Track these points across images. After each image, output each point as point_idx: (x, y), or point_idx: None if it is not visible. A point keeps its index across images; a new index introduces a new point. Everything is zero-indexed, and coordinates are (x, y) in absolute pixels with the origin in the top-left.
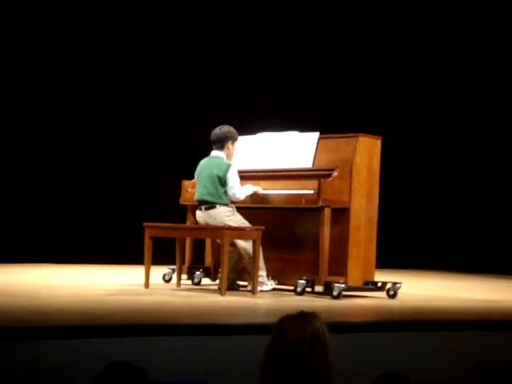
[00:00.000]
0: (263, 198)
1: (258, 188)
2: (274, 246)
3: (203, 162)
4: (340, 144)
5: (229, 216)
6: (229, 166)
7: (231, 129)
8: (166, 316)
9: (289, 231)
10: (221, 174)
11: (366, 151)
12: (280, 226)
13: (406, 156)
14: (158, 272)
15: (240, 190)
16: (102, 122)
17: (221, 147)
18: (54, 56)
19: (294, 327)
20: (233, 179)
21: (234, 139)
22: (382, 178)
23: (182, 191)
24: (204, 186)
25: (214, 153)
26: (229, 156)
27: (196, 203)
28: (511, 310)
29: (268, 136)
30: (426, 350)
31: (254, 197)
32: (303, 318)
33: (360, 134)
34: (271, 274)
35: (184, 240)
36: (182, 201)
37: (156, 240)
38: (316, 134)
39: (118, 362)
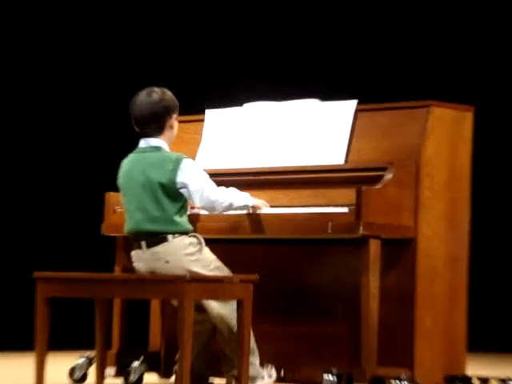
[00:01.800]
0: (256, 224)
1: (262, 202)
2: (274, 311)
3: (128, 164)
4: (397, 121)
5: (192, 255)
6: (179, 160)
7: (168, 93)
8: None
9: (302, 283)
10: (165, 178)
11: (447, 133)
12: (286, 273)
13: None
14: (61, 363)
15: (219, 189)
16: None
17: (157, 130)
18: None
19: None
20: (194, 178)
21: (177, 109)
22: (476, 183)
23: (106, 211)
24: (139, 206)
25: (146, 142)
26: (172, 140)
27: (130, 237)
28: None
29: (263, 108)
30: None
31: (239, 219)
32: None
33: (435, 102)
34: (270, 361)
35: (109, 304)
36: (105, 229)
37: (57, 304)
38: (352, 104)
39: None
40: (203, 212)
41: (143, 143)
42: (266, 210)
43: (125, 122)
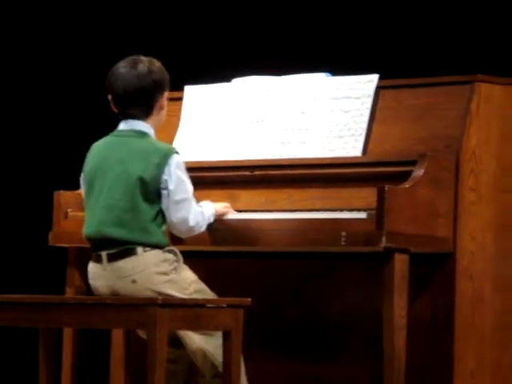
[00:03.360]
0: (247, 232)
1: (226, 206)
2: (272, 346)
3: (102, 149)
4: (431, 101)
5: (166, 274)
6: (169, 154)
7: (157, 64)
8: None
9: (307, 310)
10: (148, 174)
11: (497, 117)
12: (287, 297)
13: None
14: None
15: (199, 214)
16: None
17: (144, 111)
18: None
19: None
20: (179, 185)
21: (168, 86)
22: None
23: (55, 215)
24: (106, 203)
25: (128, 125)
26: (159, 124)
27: (88, 245)
28: None
29: (258, 85)
30: None
31: (226, 228)
32: None
33: (481, 76)
34: None
35: (57, 336)
36: (53, 239)
37: None
38: (372, 79)
39: None
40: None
41: (124, 125)
42: (245, 215)
43: (84, 97)
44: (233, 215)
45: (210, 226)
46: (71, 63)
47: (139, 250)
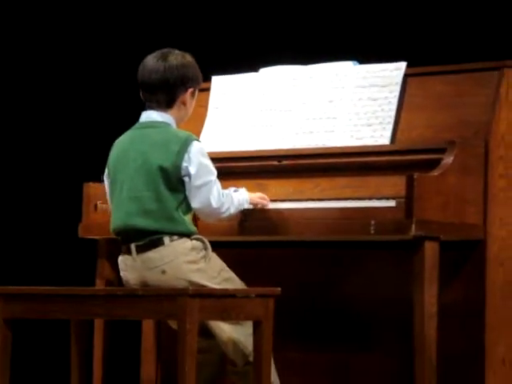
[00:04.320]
0: (275, 222)
1: (262, 197)
2: (301, 336)
3: (123, 143)
4: (459, 88)
5: (195, 263)
6: (188, 141)
7: (190, 60)
8: None
9: (337, 298)
10: (169, 162)
11: None
12: (316, 286)
13: None
14: None
15: (224, 195)
16: None
17: (165, 102)
18: None
19: None
20: (201, 170)
21: (197, 84)
22: None
23: (85, 207)
24: (131, 195)
25: (148, 116)
26: (181, 120)
27: (116, 237)
28: None
29: (284, 74)
30: None
31: (254, 218)
32: None
33: (510, 62)
34: None
35: (89, 327)
36: (83, 231)
37: (21, 328)
38: (400, 66)
39: None
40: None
41: (144, 117)
42: (277, 205)
43: (113, 90)
44: (265, 205)
45: (242, 214)
46: (101, 59)
47: (166, 239)
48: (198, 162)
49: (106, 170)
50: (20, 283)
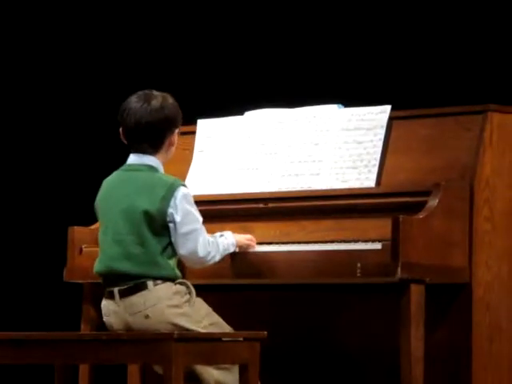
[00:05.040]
0: (261, 265)
1: (249, 238)
2: (289, 379)
3: (110, 185)
4: (444, 131)
5: (179, 307)
6: (174, 186)
7: (170, 100)
8: None
9: (323, 342)
10: (154, 207)
11: (510, 146)
12: (302, 329)
13: None
14: None
15: (210, 244)
16: None
17: (154, 146)
18: None
19: None
20: (187, 217)
21: (180, 123)
22: None
23: (70, 251)
24: (115, 238)
25: (137, 159)
26: (167, 160)
27: (99, 280)
28: None
29: (270, 117)
30: None
31: (240, 261)
32: None
33: (494, 106)
34: None
35: (71, 371)
36: (68, 275)
37: (5, 373)
38: (385, 110)
39: None
40: None
41: (133, 159)
42: (262, 248)
43: (98, 132)
44: (251, 247)
45: (229, 257)
46: (84, 100)
47: (150, 283)
48: (183, 209)
49: (95, 209)
50: (4, 328)
